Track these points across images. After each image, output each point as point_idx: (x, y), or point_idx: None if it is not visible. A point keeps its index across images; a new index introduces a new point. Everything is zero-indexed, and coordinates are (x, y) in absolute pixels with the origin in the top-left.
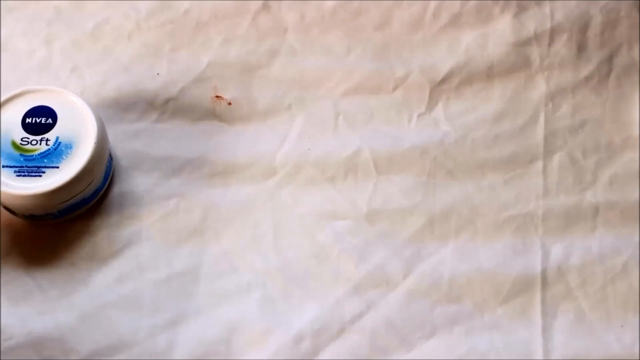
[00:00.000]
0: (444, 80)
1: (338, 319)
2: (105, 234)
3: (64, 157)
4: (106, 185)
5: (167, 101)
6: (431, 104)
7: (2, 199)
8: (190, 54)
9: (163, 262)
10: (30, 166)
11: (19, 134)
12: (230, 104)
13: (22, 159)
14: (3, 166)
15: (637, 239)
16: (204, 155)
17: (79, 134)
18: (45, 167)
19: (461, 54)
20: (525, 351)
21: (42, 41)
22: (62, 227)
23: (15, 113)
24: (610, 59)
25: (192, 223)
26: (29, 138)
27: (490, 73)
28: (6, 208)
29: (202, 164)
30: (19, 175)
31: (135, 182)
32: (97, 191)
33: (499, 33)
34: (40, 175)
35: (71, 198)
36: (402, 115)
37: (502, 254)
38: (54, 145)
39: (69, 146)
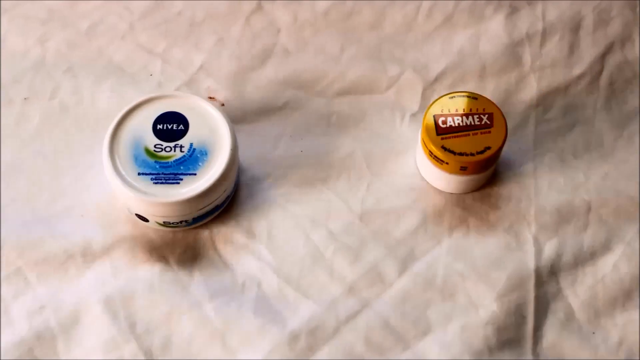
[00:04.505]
0: (437, 79)
1: (333, 318)
2: (98, 231)
3: (200, 163)
4: (234, 192)
5: None
6: (424, 104)
7: (138, 207)
8: (184, 54)
9: (158, 259)
10: (167, 173)
11: (151, 140)
12: (223, 104)
13: (157, 166)
14: (139, 174)
15: (628, 237)
16: None
17: (211, 139)
18: (183, 174)
19: (454, 54)
20: (517, 350)
21: (36, 41)
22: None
23: (144, 120)
24: (602, 58)
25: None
26: (162, 145)
27: (483, 73)
28: (138, 215)
29: None
30: (156, 183)
31: None
32: (227, 198)
33: (492, 33)
34: (178, 183)
35: (208, 204)
36: (395, 114)
37: (495, 252)
38: (188, 151)
39: (204, 152)
